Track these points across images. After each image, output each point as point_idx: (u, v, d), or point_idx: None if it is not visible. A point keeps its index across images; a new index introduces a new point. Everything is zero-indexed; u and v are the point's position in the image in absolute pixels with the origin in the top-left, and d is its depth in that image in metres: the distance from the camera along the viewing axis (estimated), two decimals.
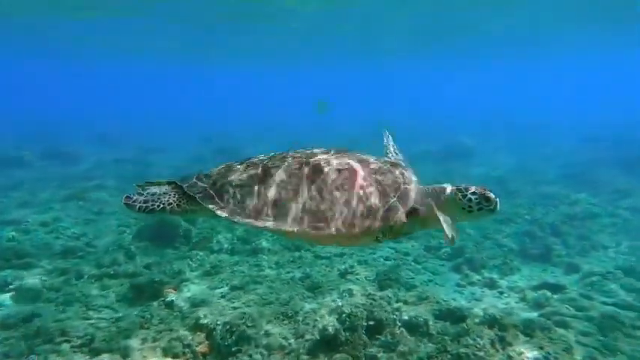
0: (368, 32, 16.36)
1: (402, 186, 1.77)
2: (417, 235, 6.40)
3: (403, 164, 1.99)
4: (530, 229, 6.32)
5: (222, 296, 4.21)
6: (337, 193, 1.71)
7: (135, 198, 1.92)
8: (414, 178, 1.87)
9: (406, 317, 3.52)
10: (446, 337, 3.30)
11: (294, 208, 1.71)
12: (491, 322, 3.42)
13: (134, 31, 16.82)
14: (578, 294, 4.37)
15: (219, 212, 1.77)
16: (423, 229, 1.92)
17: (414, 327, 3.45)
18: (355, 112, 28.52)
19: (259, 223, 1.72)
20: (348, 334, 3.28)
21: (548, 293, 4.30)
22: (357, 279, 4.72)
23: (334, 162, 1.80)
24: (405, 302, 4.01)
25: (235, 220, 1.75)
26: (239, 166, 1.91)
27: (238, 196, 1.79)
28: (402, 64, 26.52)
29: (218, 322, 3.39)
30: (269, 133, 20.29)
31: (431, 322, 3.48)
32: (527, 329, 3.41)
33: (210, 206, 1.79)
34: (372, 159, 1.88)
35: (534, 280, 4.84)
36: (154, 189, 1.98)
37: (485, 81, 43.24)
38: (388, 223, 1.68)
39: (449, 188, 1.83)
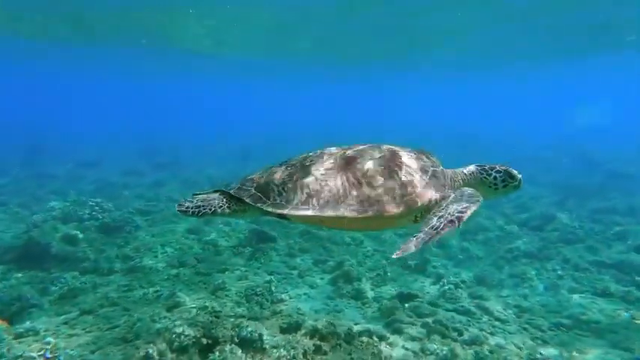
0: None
1: (431, 169, 1.92)
2: (311, 248, 6.63)
3: (427, 151, 2.11)
4: None
5: (65, 322, 3.99)
6: (375, 179, 1.83)
7: (187, 205, 2.08)
8: (439, 163, 2.02)
9: (244, 333, 3.60)
10: (275, 350, 3.43)
11: (337, 196, 1.83)
12: (313, 332, 3.61)
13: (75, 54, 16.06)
14: (426, 302, 4.78)
15: (267, 209, 1.91)
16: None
17: (248, 342, 3.54)
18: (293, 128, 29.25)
19: (307, 212, 1.82)
20: (174, 355, 3.28)
21: (398, 303, 4.65)
22: (227, 294, 4.75)
23: (367, 153, 1.95)
24: (256, 318, 4.10)
25: (284, 213, 1.88)
26: (278, 167, 2.09)
27: (283, 192, 1.93)
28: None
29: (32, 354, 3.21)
30: (215, 147, 20.10)
31: (266, 337, 3.59)
32: (348, 337, 3.63)
33: (259, 204, 1.94)
34: (398, 148, 2.03)
35: (402, 289, 5.20)
36: (203, 196, 2.14)
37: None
38: (424, 202, 1.81)
39: (473, 167, 2.01)
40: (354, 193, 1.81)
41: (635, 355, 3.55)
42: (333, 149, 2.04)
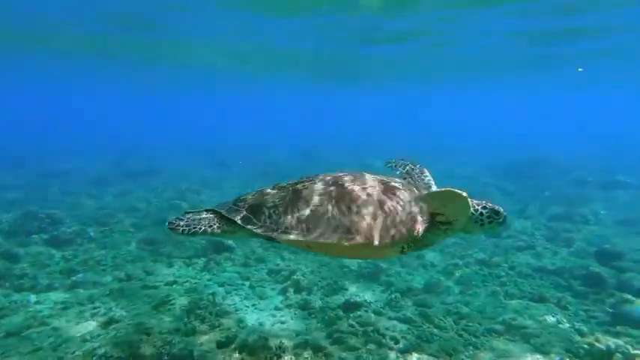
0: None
1: (420, 200, 1.92)
2: (267, 258, 6.61)
3: (419, 180, 2.18)
4: None
5: None
6: (364, 208, 1.85)
7: (177, 223, 2.11)
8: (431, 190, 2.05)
9: (174, 350, 3.54)
10: None
11: (326, 222, 1.85)
12: (242, 347, 3.60)
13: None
14: (372, 310, 4.86)
15: (256, 230, 1.94)
16: (446, 238, 2.06)
17: (178, 358, 3.48)
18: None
19: (294, 237, 1.84)
20: None
21: (342, 312, 4.70)
22: (170, 309, 4.66)
23: (358, 182, 1.97)
24: (193, 333, 4.03)
25: (272, 236, 1.90)
26: (270, 190, 2.11)
27: (273, 215, 1.95)
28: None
29: None
30: (192, 157, 19.85)
31: (196, 353, 3.54)
32: (279, 350, 3.64)
33: (249, 227, 1.97)
34: (389, 178, 2.06)
35: (349, 299, 5.23)
36: (194, 215, 2.15)
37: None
38: (412, 234, 1.82)
39: None
40: (343, 221, 1.83)
41: (557, 358, 3.73)
42: (328, 176, 2.08)
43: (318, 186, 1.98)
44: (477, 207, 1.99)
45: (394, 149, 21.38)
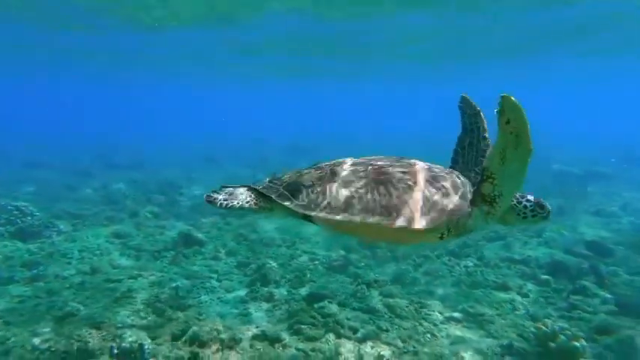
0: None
1: (461, 188, 1.89)
2: (238, 251, 6.58)
3: (457, 171, 2.09)
4: (350, 244, 6.97)
5: None
6: (403, 190, 1.81)
7: (215, 196, 2.08)
8: (468, 182, 1.98)
9: (125, 344, 3.51)
10: None
11: (364, 202, 1.82)
12: (193, 339, 3.59)
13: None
14: (336, 302, 4.88)
15: (295, 208, 1.92)
16: (485, 227, 1.98)
17: (127, 353, 3.45)
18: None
19: (334, 217, 1.82)
20: None
21: (305, 304, 4.71)
22: (130, 302, 4.60)
23: (397, 164, 1.93)
24: (149, 327, 4.00)
25: (311, 214, 1.88)
26: (307, 170, 2.11)
27: (311, 194, 1.94)
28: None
29: None
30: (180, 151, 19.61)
31: (147, 347, 3.51)
32: (232, 342, 3.64)
33: (286, 203, 1.95)
34: (430, 164, 1.99)
35: (315, 291, 5.24)
36: (231, 189, 2.15)
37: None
38: (453, 219, 1.77)
39: None
40: (383, 202, 1.80)
41: (504, 342, 3.80)
42: (362, 159, 2.07)
43: (357, 167, 1.96)
44: (520, 199, 1.91)
45: (381, 143, 21.44)
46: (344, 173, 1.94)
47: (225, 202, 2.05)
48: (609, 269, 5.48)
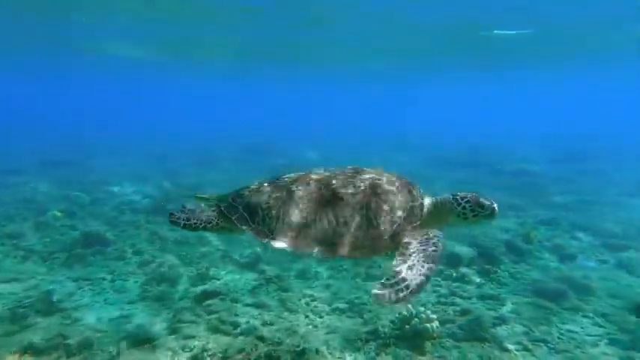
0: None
1: (409, 204, 1.90)
2: (146, 250, 6.32)
3: (411, 181, 2.07)
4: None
5: None
6: (350, 218, 1.84)
7: (178, 215, 2.19)
8: (420, 196, 1.96)
9: None
10: None
11: (311, 232, 1.86)
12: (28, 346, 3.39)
13: None
14: (230, 299, 4.85)
15: (250, 232, 1.99)
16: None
17: None
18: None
19: (282, 245, 1.89)
20: None
21: (194, 302, 4.64)
22: None
23: (350, 186, 1.93)
24: (6, 334, 3.70)
25: (264, 242, 1.93)
26: (267, 187, 2.12)
27: (266, 218, 1.96)
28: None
29: None
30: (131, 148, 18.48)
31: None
32: (86, 344, 3.48)
33: (244, 227, 2.02)
34: (384, 180, 1.97)
35: (211, 288, 5.12)
36: (192, 206, 2.23)
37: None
38: (395, 244, 1.79)
39: (447, 196, 1.97)
40: (330, 232, 1.84)
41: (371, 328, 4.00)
42: (320, 173, 2.09)
43: (312, 188, 1.98)
44: (459, 199, 1.93)
45: (329, 141, 21.76)
46: (299, 195, 1.97)
47: (188, 223, 2.14)
48: (501, 259, 5.99)
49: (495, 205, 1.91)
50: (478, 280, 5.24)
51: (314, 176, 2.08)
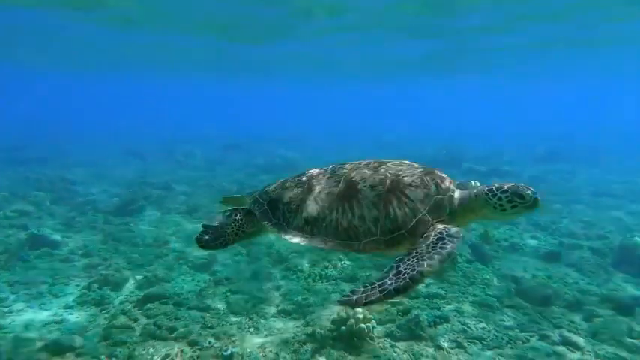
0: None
1: (433, 199, 1.76)
2: (96, 252, 6.11)
3: (440, 172, 1.92)
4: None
5: None
6: (368, 212, 1.77)
7: (206, 239, 2.14)
8: (449, 188, 1.83)
9: None
10: None
11: (326, 226, 1.82)
12: None
13: None
14: (173, 302, 4.72)
15: (270, 228, 1.98)
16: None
17: None
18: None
19: (297, 240, 1.88)
20: None
21: (133, 306, 4.50)
22: None
23: (369, 179, 1.85)
24: None
25: (281, 236, 1.93)
26: (290, 182, 2.11)
27: (286, 213, 1.97)
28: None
29: None
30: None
31: None
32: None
33: (265, 222, 2.00)
34: (406, 171, 1.87)
35: (154, 291, 5.02)
36: (216, 223, 2.18)
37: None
38: (416, 239, 1.67)
39: (482, 187, 1.80)
40: (345, 225, 1.79)
41: (309, 330, 3.94)
42: (342, 167, 2.01)
43: (332, 182, 1.92)
44: (494, 190, 1.74)
45: (308, 142, 21.68)
46: (318, 190, 1.93)
47: (218, 243, 2.11)
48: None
49: (538, 196, 1.70)
50: (427, 279, 5.25)
51: (335, 170, 2.02)
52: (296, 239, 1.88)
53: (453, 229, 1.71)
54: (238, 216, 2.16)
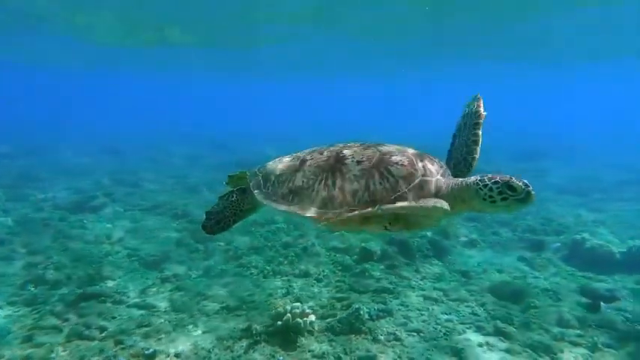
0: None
1: (418, 179, 1.73)
2: (43, 250, 5.85)
3: (433, 157, 1.89)
4: (182, 237, 6.66)
5: None
6: (349, 184, 1.77)
7: (209, 225, 2.26)
8: (439, 172, 1.80)
9: None
10: None
11: (308, 195, 1.84)
12: None
13: None
14: (111, 301, 4.54)
15: (258, 197, 2.02)
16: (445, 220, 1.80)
17: None
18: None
19: (279, 207, 1.90)
20: None
21: (66, 306, 4.30)
22: None
23: (358, 155, 1.85)
24: None
25: (266, 204, 1.99)
26: (286, 158, 2.14)
27: (276, 183, 2.01)
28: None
29: None
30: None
31: None
32: None
33: (256, 191, 2.06)
34: (397, 152, 1.84)
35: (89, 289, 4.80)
36: (216, 207, 2.29)
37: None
38: (389, 211, 1.61)
39: (472, 178, 1.73)
40: (324, 195, 1.79)
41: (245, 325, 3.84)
42: (340, 144, 2.02)
43: (324, 156, 1.94)
44: (486, 181, 1.65)
45: (283, 138, 21.58)
46: (309, 162, 1.95)
47: (220, 227, 2.21)
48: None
49: (530, 189, 1.60)
50: (378, 274, 5.23)
51: (331, 147, 2.04)
52: (279, 206, 1.91)
53: (443, 202, 1.67)
54: (234, 197, 2.27)
